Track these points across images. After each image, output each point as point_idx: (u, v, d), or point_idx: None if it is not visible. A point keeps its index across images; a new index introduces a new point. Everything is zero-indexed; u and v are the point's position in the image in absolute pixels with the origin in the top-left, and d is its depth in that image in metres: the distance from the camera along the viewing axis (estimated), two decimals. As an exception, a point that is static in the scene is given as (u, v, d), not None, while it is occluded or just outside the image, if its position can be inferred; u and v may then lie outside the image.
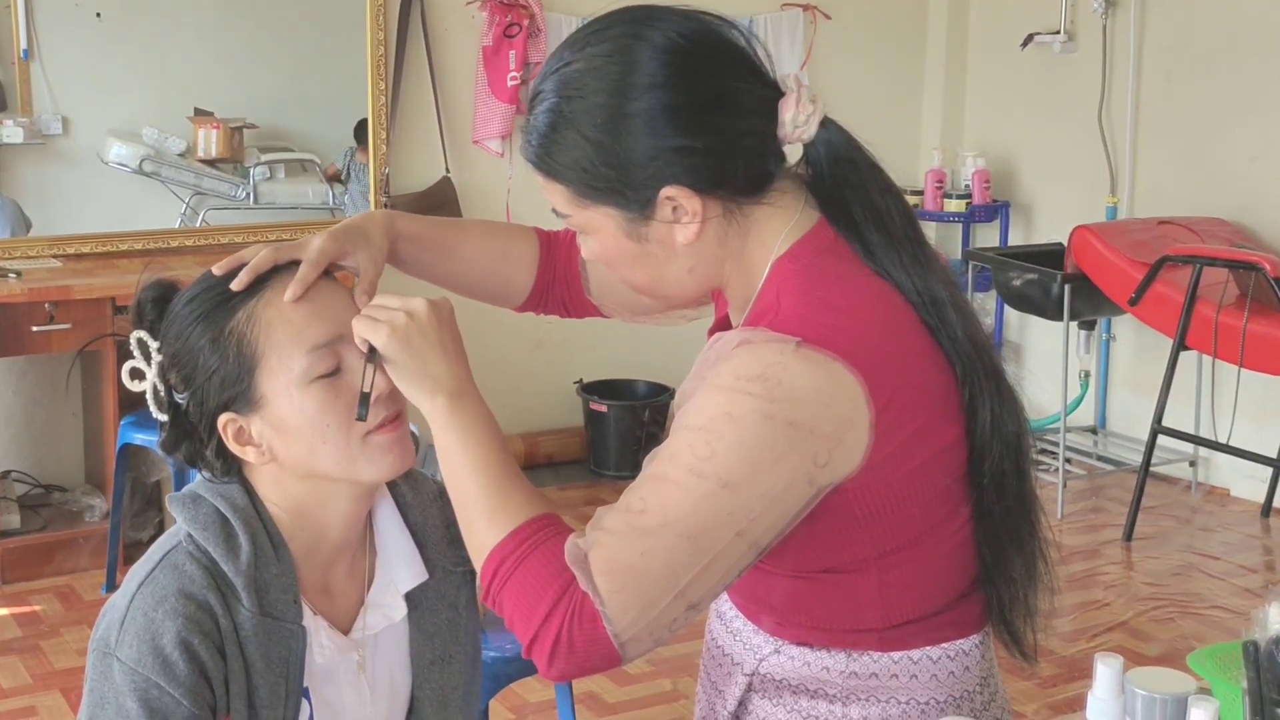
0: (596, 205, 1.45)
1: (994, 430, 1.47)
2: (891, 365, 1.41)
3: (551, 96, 1.45)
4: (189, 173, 5.18)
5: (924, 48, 6.31)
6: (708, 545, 1.36)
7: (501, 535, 1.41)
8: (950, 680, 1.53)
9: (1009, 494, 1.51)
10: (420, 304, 1.48)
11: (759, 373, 1.36)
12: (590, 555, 1.37)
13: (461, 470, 1.45)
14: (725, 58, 1.45)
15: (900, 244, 1.48)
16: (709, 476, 1.35)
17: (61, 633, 4.11)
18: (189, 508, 1.52)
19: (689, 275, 1.49)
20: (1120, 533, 4.97)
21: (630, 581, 1.35)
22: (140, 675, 1.43)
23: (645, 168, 1.42)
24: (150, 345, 1.53)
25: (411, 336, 1.46)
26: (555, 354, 5.58)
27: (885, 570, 1.46)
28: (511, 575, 1.39)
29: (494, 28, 5.27)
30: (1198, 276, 4.65)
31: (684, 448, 1.37)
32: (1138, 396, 5.65)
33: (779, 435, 1.35)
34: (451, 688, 1.67)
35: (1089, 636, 4.14)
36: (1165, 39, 5.53)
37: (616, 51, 1.43)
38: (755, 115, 1.45)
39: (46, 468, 4.87)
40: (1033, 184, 6.11)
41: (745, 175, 1.46)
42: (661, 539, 1.35)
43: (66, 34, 4.91)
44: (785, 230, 1.48)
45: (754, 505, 1.36)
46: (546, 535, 1.40)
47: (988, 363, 1.49)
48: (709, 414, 1.37)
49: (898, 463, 1.41)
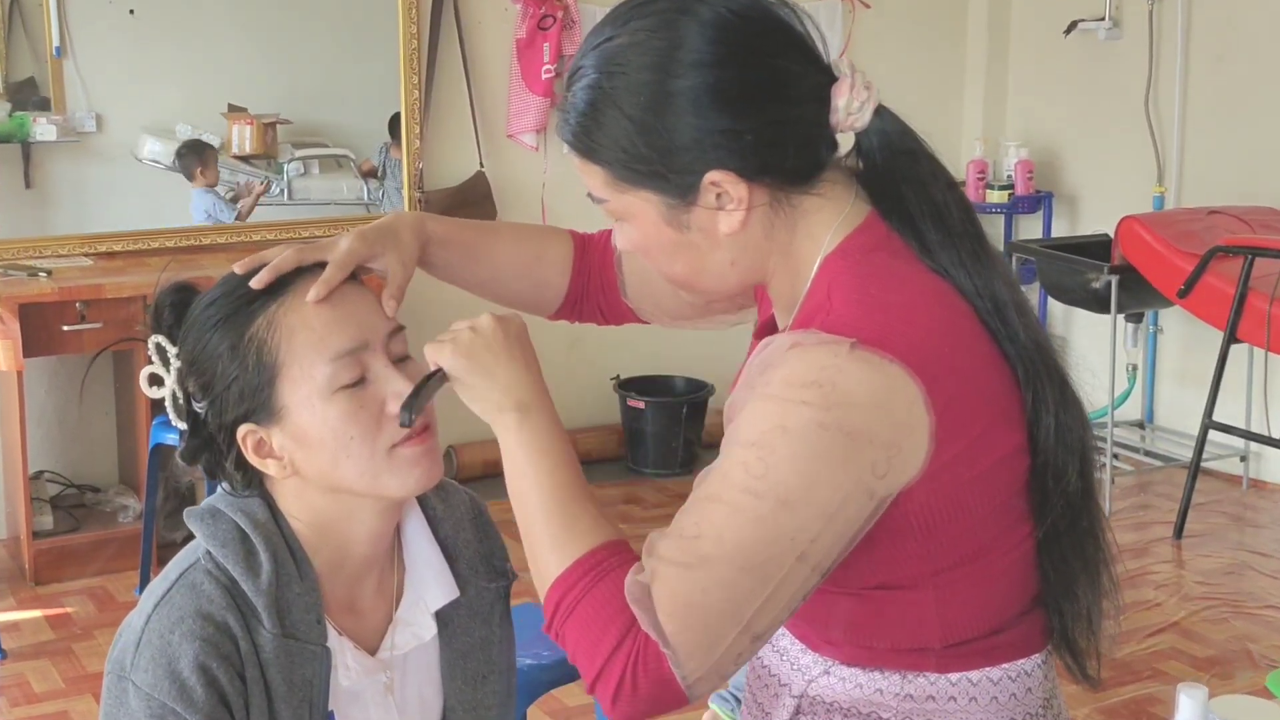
0: (636, 189, 1.39)
1: (1058, 438, 1.40)
2: (950, 368, 1.33)
3: (592, 73, 1.38)
4: (223, 169, 5.15)
5: (965, 36, 6.22)
6: (770, 574, 1.29)
7: (564, 566, 1.34)
8: (1012, 703, 1.45)
9: (1074, 505, 1.43)
10: (486, 319, 1.43)
11: (812, 378, 1.29)
12: (653, 592, 1.29)
13: (526, 492, 1.39)
14: (778, 37, 1.38)
15: (959, 240, 1.40)
16: (765, 496, 1.28)
17: (94, 635, 4.08)
18: (207, 523, 1.46)
19: (731, 268, 1.42)
20: (1170, 530, 4.87)
21: (694, 621, 1.28)
22: (156, 701, 1.37)
23: (690, 150, 1.35)
24: (169, 351, 1.47)
25: (476, 351, 1.41)
26: (592, 351, 5.53)
27: (942, 587, 1.38)
28: (574, 611, 1.32)
29: (528, 20, 5.22)
30: (1249, 268, 4.55)
31: (737, 466, 1.30)
32: (1186, 390, 5.55)
33: (835, 445, 1.28)
34: (486, 707, 1.61)
35: (1140, 638, 4.05)
36: (1216, 22, 5.42)
37: (662, 26, 1.35)
38: (807, 100, 1.38)
39: (79, 468, 4.85)
40: (1077, 174, 6.00)
41: (795, 162, 1.38)
42: (722, 572, 1.28)
43: (99, 31, 4.88)
44: (835, 224, 1.40)
45: (813, 524, 1.28)
46: (609, 567, 1.33)
47: (1052, 367, 1.41)
48: (761, 428, 1.30)
49: (957, 471, 1.33)
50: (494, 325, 1.42)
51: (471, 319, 1.43)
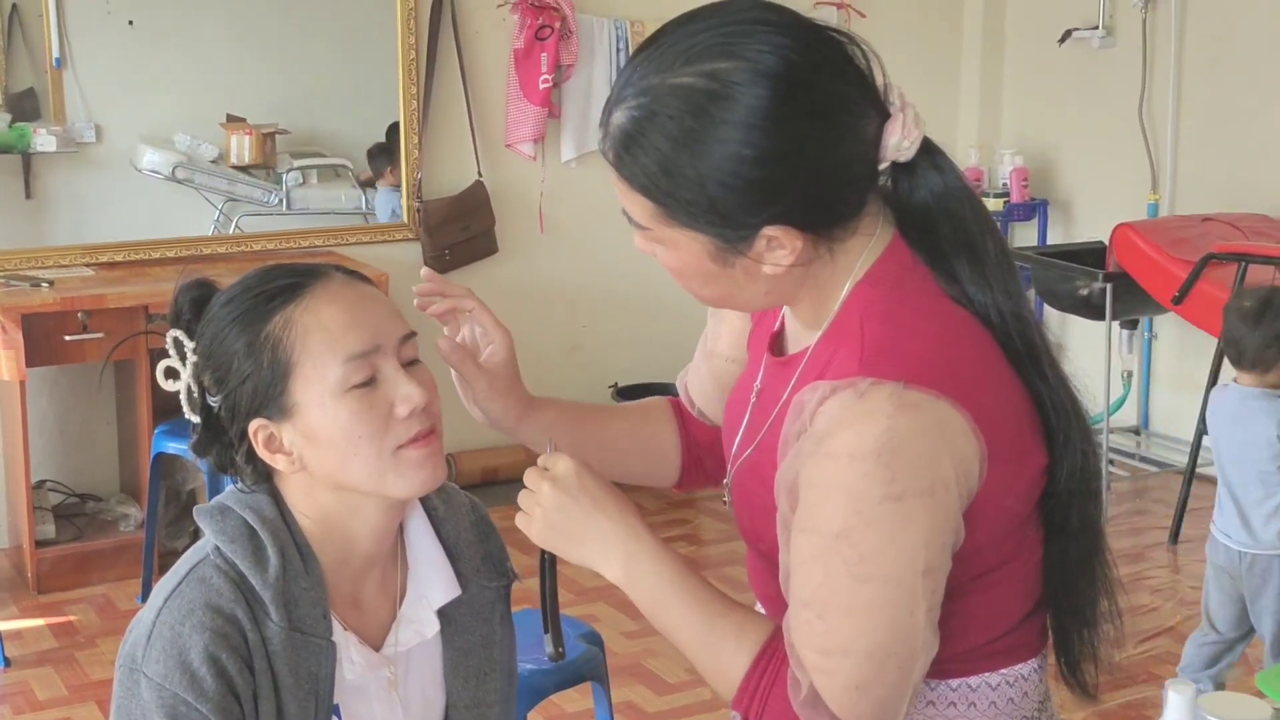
0: (686, 228, 1.36)
1: (1083, 475, 1.43)
2: (989, 396, 1.36)
3: (647, 106, 1.32)
4: (222, 179, 5.17)
5: (960, 44, 6.24)
6: (904, 649, 1.33)
7: (736, 681, 1.39)
8: (1010, 707, 1.47)
9: (1087, 531, 1.46)
10: (547, 489, 1.45)
11: (872, 450, 1.29)
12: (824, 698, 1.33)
13: (669, 628, 1.43)
14: (842, 84, 1.34)
15: (993, 278, 1.41)
16: (873, 579, 1.31)
17: (97, 643, 4.09)
18: (216, 520, 1.49)
19: (764, 297, 1.43)
20: (1165, 535, 4.89)
21: (866, 710, 1.33)
22: (168, 691, 1.40)
23: (751, 204, 1.32)
24: (186, 345, 1.50)
25: (559, 525, 1.44)
26: (591, 357, 5.55)
27: (954, 601, 1.40)
28: (765, 706, 1.38)
29: (525, 30, 5.24)
30: (1243, 274, 4.57)
31: (835, 561, 1.32)
32: (1181, 396, 5.57)
33: (915, 511, 1.30)
34: (487, 704, 1.63)
35: (1136, 642, 4.07)
36: (1209, 31, 5.45)
37: (724, 75, 1.30)
38: (865, 146, 1.36)
39: (81, 477, 4.86)
40: (1072, 181, 6.03)
41: (848, 210, 1.38)
42: (867, 666, 1.32)
43: (99, 42, 4.91)
44: (865, 249, 1.40)
45: (920, 585, 1.32)
46: (778, 666, 1.38)
47: (1078, 406, 1.44)
48: (841, 516, 1.31)
49: (1001, 495, 1.36)
50: (554, 491, 1.45)
51: (535, 488, 1.46)
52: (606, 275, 5.45)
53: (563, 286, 5.48)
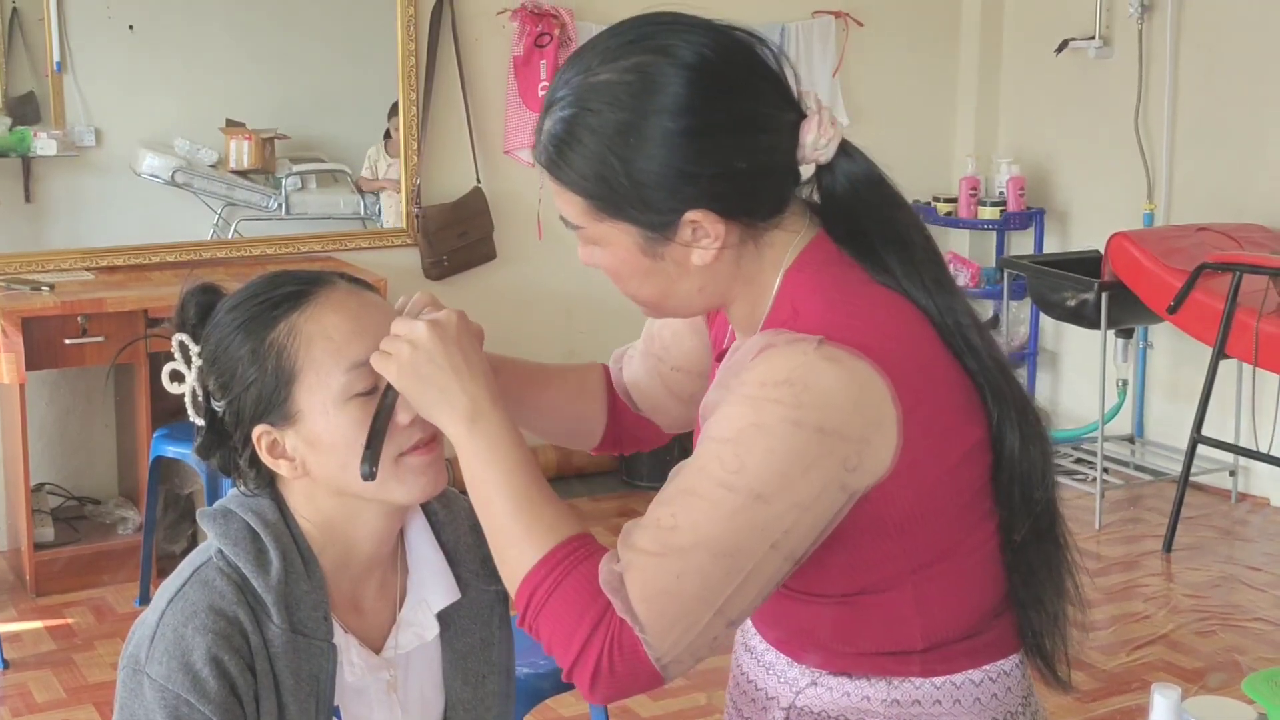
0: (614, 220, 1.42)
1: (1023, 452, 1.45)
2: (914, 364, 1.39)
3: (575, 105, 1.40)
4: (221, 184, 5.18)
5: (957, 54, 6.26)
6: (743, 562, 1.33)
7: (533, 562, 1.38)
8: (993, 703, 1.49)
9: (1037, 518, 1.48)
10: (422, 330, 1.44)
11: (784, 377, 1.34)
12: (626, 580, 1.34)
13: (487, 497, 1.43)
14: (756, 79, 1.42)
15: (922, 267, 1.45)
16: (740, 490, 1.33)
17: (95, 646, 4.10)
18: (219, 523, 1.50)
19: (698, 294, 1.47)
20: (1160, 543, 4.91)
21: (668, 606, 1.33)
22: (170, 692, 1.42)
23: (671, 189, 1.38)
24: (191, 349, 1.52)
25: (419, 365, 1.43)
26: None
27: (920, 584, 1.43)
28: (546, 603, 1.37)
29: (525, 37, 5.26)
30: (1238, 284, 4.59)
31: (712, 461, 1.35)
32: (1176, 405, 5.59)
33: (809, 442, 1.33)
34: (485, 708, 1.65)
35: (1129, 650, 4.09)
36: (1204, 41, 5.47)
37: (644, 66, 1.38)
38: (782, 140, 1.42)
39: (80, 480, 4.88)
40: (1068, 191, 6.05)
41: (768, 200, 1.43)
42: (696, 559, 1.33)
43: (99, 46, 4.92)
44: (792, 244, 1.45)
45: (787, 516, 1.33)
46: (578, 559, 1.38)
47: (1012, 383, 1.47)
48: (737, 425, 1.35)
49: (927, 466, 1.38)
50: (431, 335, 1.44)
51: (408, 327, 1.45)
52: (604, 282, 5.35)
53: (560, 293, 5.49)
